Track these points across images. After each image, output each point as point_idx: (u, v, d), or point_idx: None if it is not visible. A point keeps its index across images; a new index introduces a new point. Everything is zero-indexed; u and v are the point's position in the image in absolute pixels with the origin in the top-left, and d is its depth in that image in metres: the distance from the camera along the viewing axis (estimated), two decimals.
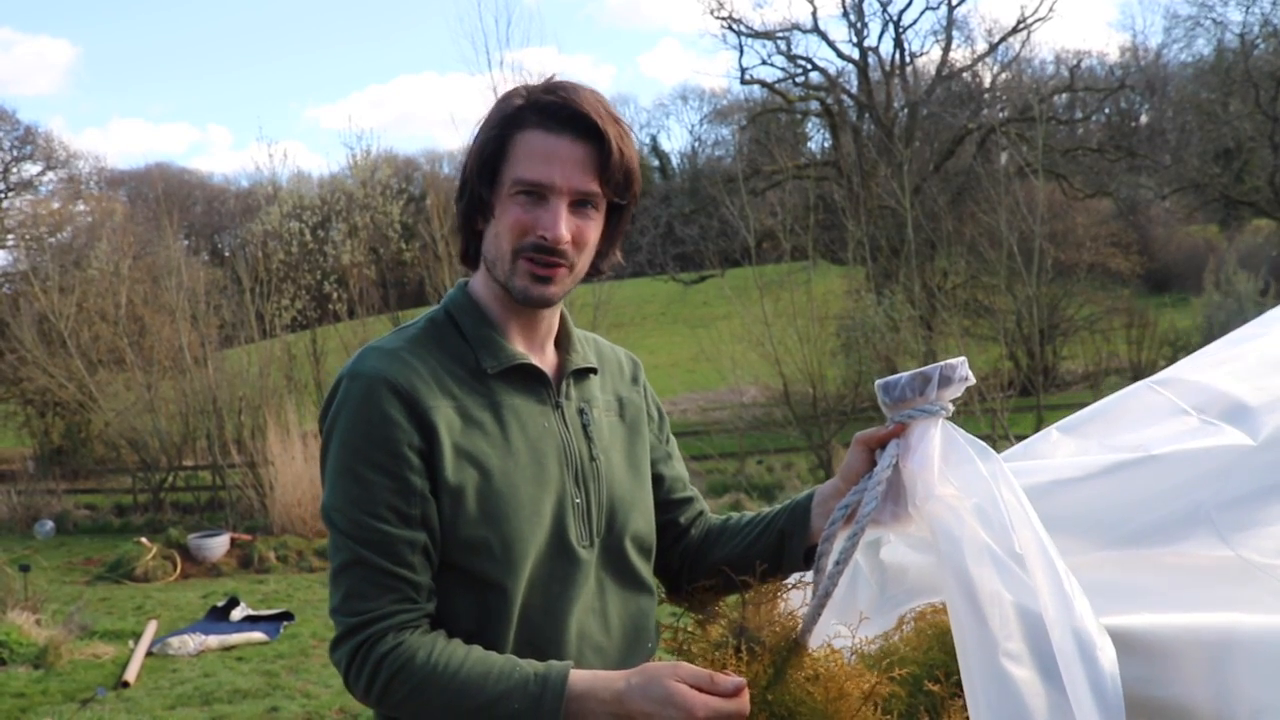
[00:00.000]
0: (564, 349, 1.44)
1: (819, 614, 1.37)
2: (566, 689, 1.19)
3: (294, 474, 9.88)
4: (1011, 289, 13.88)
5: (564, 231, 1.28)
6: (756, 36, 21.00)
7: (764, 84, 21.73)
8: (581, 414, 1.41)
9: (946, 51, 21.24)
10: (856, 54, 21.06)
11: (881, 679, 1.39)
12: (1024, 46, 21.95)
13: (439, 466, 1.25)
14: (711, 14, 21.07)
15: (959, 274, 16.66)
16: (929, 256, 17.14)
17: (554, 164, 1.27)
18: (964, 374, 1.26)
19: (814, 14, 22.33)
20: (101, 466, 14.38)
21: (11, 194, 23.97)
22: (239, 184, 33.33)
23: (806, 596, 1.45)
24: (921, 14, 23.05)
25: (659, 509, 1.52)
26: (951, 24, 21.21)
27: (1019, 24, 20.35)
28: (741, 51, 21.35)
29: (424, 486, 1.25)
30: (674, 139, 54.48)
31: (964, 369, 1.26)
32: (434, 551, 1.26)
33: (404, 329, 1.37)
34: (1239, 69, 19.69)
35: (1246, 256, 17.75)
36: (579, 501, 1.35)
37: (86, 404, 13.64)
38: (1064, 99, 21.46)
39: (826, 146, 22.91)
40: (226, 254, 26.49)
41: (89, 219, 21.08)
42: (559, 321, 1.45)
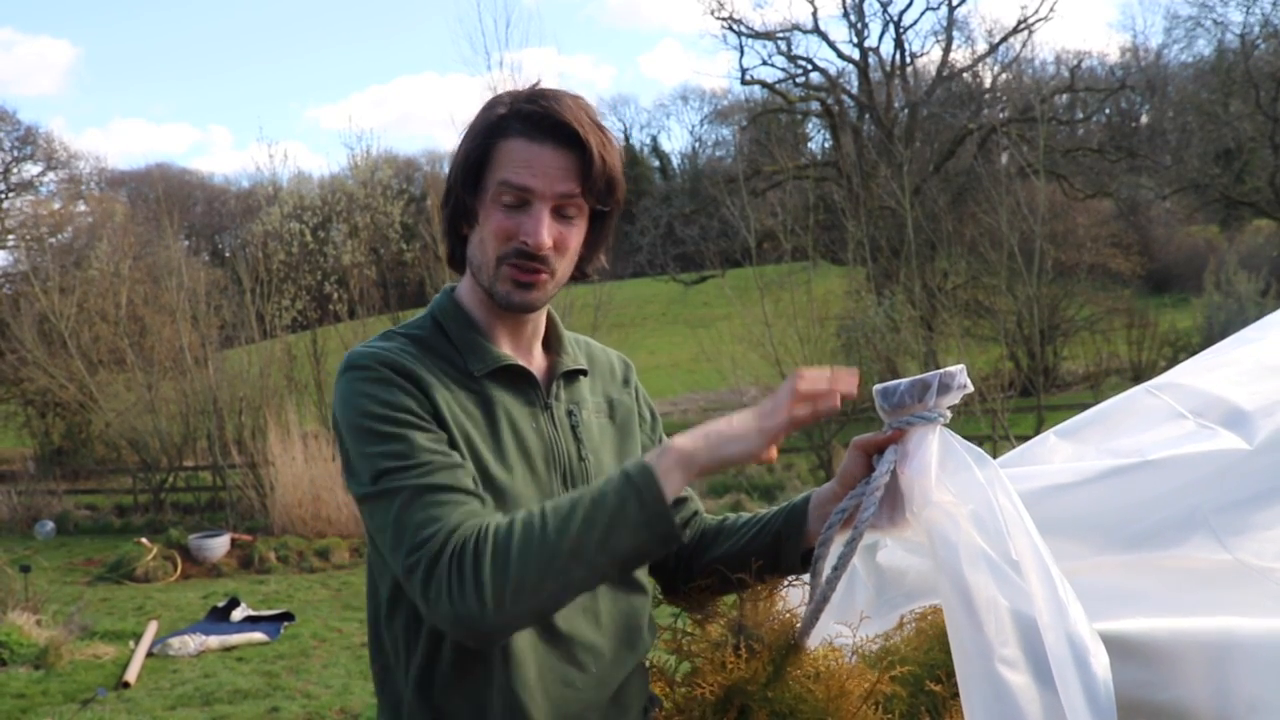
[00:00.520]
0: (553, 351, 1.46)
1: (817, 617, 1.37)
2: (661, 447, 1.21)
3: (294, 474, 9.89)
4: (1012, 289, 13.88)
5: (546, 238, 1.29)
6: (757, 37, 21.03)
7: (764, 84, 21.75)
8: (570, 415, 1.41)
9: (947, 52, 21.27)
10: (857, 54, 21.09)
11: (882, 678, 1.39)
12: (1024, 47, 22.00)
13: (448, 435, 1.26)
14: (712, 14, 21.12)
15: (959, 274, 16.66)
16: (929, 257, 17.14)
17: (536, 171, 1.29)
18: (963, 382, 1.27)
19: (814, 14, 22.40)
20: (102, 467, 14.39)
21: (12, 194, 23.99)
22: (239, 184, 33.44)
23: (804, 595, 1.45)
24: (922, 14, 23.12)
25: None
26: (952, 24, 21.24)
27: (1019, 24, 20.38)
28: (742, 52, 21.40)
29: (446, 440, 1.25)
30: (674, 139, 54.65)
31: (963, 377, 1.27)
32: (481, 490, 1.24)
33: (390, 332, 1.38)
34: (1239, 69, 19.69)
35: (1247, 257, 17.75)
36: None
37: (87, 404, 13.65)
38: (1064, 99, 21.47)
39: (827, 147, 22.95)
40: (227, 254, 26.51)
41: (89, 219, 21.10)
42: (548, 324, 1.46)
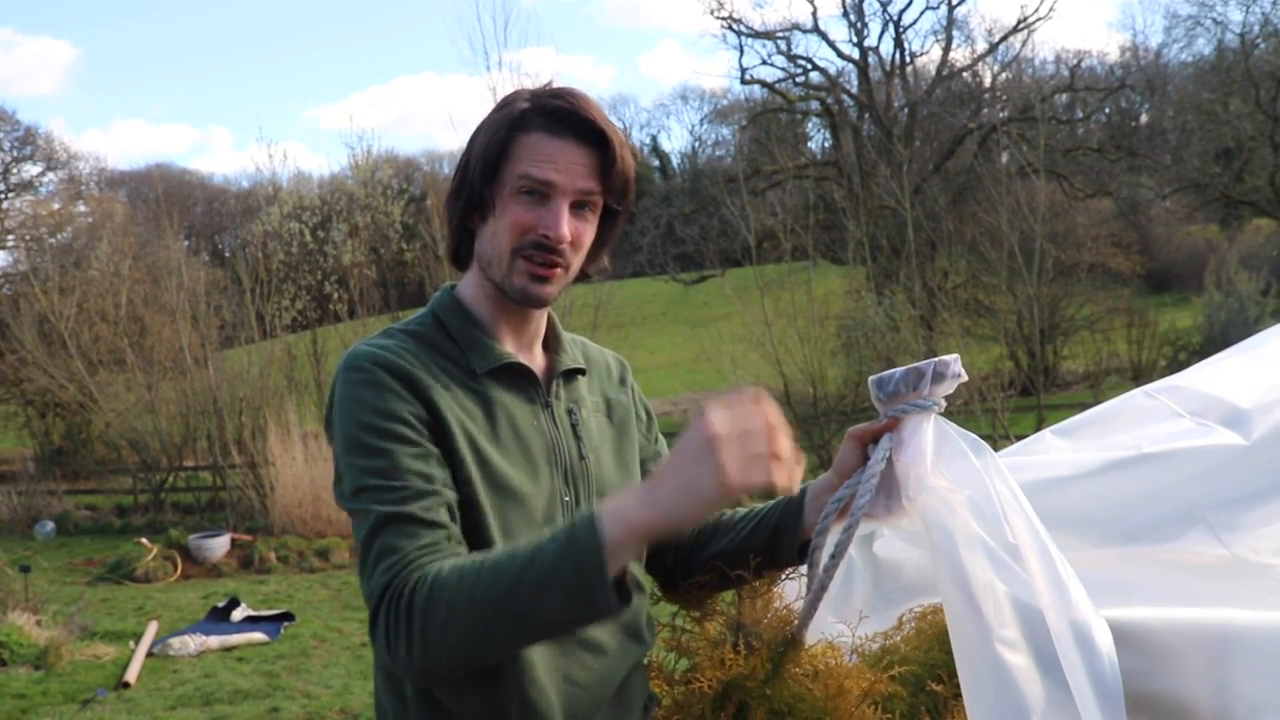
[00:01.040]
0: (552, 350, 1.45)
1: (814, 608, 1.37)
2: (595, 508, 1.11)
3: (294, 474, 9.89)
4: (1012, 289, 13.89)
5: (565, 231, 1.29)
6: (756, 36, 21.02)
7: (764, 84, 21.74)
8: (570, 414, 1.41)
9: (947, 51, 21.27)
10: (857, 54, 21.09)
11: (880, 677, 1.39)
12: (1024, 46, 22.01)
13: (449, 440, 1.25)
14: (712, 14, 21.11)
15: (959, 274, 16.66)
16: (929, 256, 17.14)
17: (559, 166, 1.29)
18: (957, 370, 1.27)
19: (814, 14, 22.37)
20: (102, 467, 14.38)
21: (12, 194, 23.99)
22: (239, 184, 33.45)
23: (801, 589, 1.45)
24: (921, 14, 23.12)
25: None
26: (951, 24, 21.24)
27: (1019, 23, 20.38)
28: (741, 51, 21.41)
29: (438, 454, 1.24)
30: (674, 139, 54.64)
31: (957, 365, 1.28)
32: (457, 514, 1.23)
33: (391, 329, 1.37)
34: (1239, 69, 19.68)
35: (1247, 256, 17.76)
36: (568, 500, 1.36)
37: (87, 404, 13.65)
38: (1064, 99, 21.46)
39: (827, 146, 22.95)
40: (227, 254, 26.52)
41: (89, 219, 21.09)
42: (547, 323, 1.46)
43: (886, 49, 21.59)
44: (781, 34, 21.00)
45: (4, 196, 23.83)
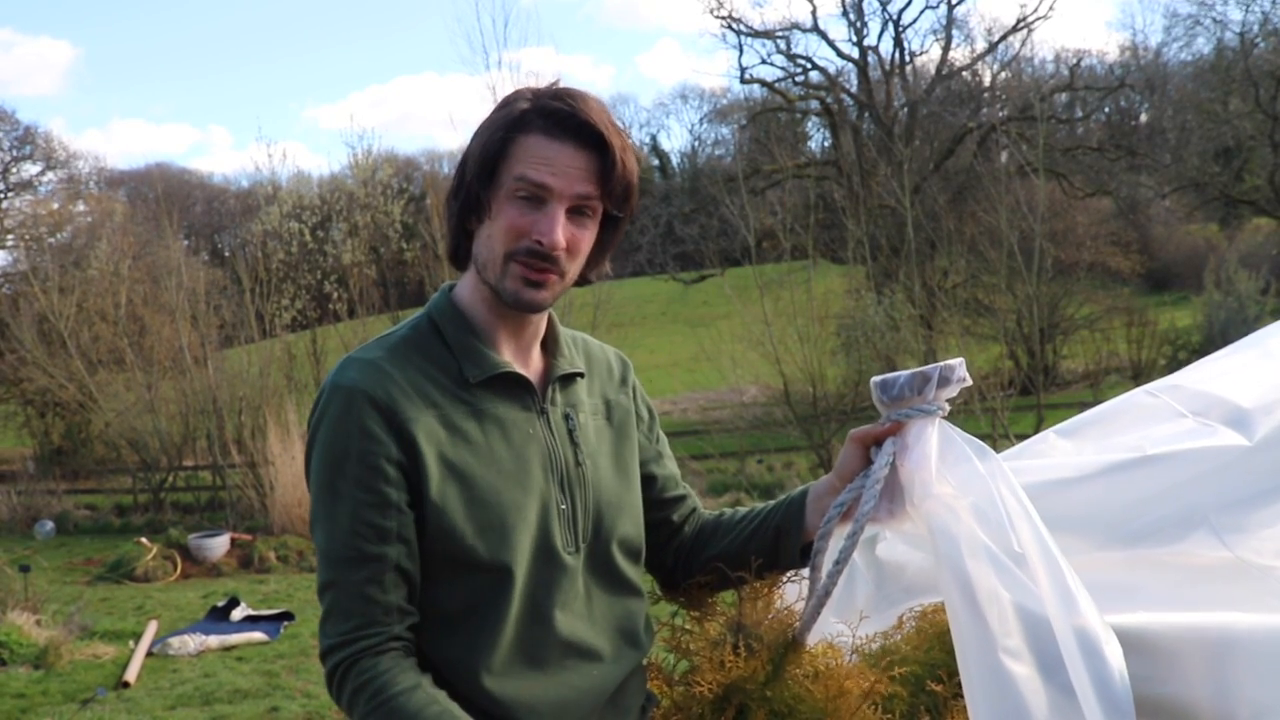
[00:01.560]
0: (550, 353, 1.43)
1: (818, 613, 1.37)
2: None
3: (294, 474, 9.89)
4: (1012, 288, 13.89)
5: (560, 238, 1.27)
6: (756, 36, 21.00)
7: (764, 83, 21.72)
8: (567, 419, 1.40)
9: (946, 50, 21.25)
10: (856, 53, 21.08)
11: (881, 678, 1.39)
12: (1024, 45, 21.97)
13: (422, 479, 1.25)
14: (711, 13, 21.08)
15: (959, 273, 16.65)
16: (929, 256, 17.14)
17: (556, 169, 1.26)
18: (962, 375, 1.27)
19: (813, 13, 22.32)
20: (102, 467, 14.38)
21: (11, 194, 23.97)
22: (239, 184, 33.40)
23: (802, 591, 1.45)
24: (921, 13, 23.01)
25: (652, 508, 1.52)
26: (951, 23, 21.23)
27: (1019, 23, 20.36)
28: (741, 51, 21.37)
29: (400, 499, 1.25)
30: (674, 138, 54.66)
31: (962, 370, 1.27)
32: (412, 566, 1.27)
33: (386, 336, 1.36)
34: (1239, 68, 19.68)
35: (1247, 255, 17.76)
36: (564, 508, 1.35)
37: (86, 404, 13.65)
38: (1064, 98, 21.45)
39: (826, 146, 22.94)
40: (226, 254, 26.53)
41: (89, 219, 21.08)
42: (546, 325, 1.43)
43: (886, 48, 21.56)
44: (781, 33, 20.99)
45: (3, 196, 23.82)
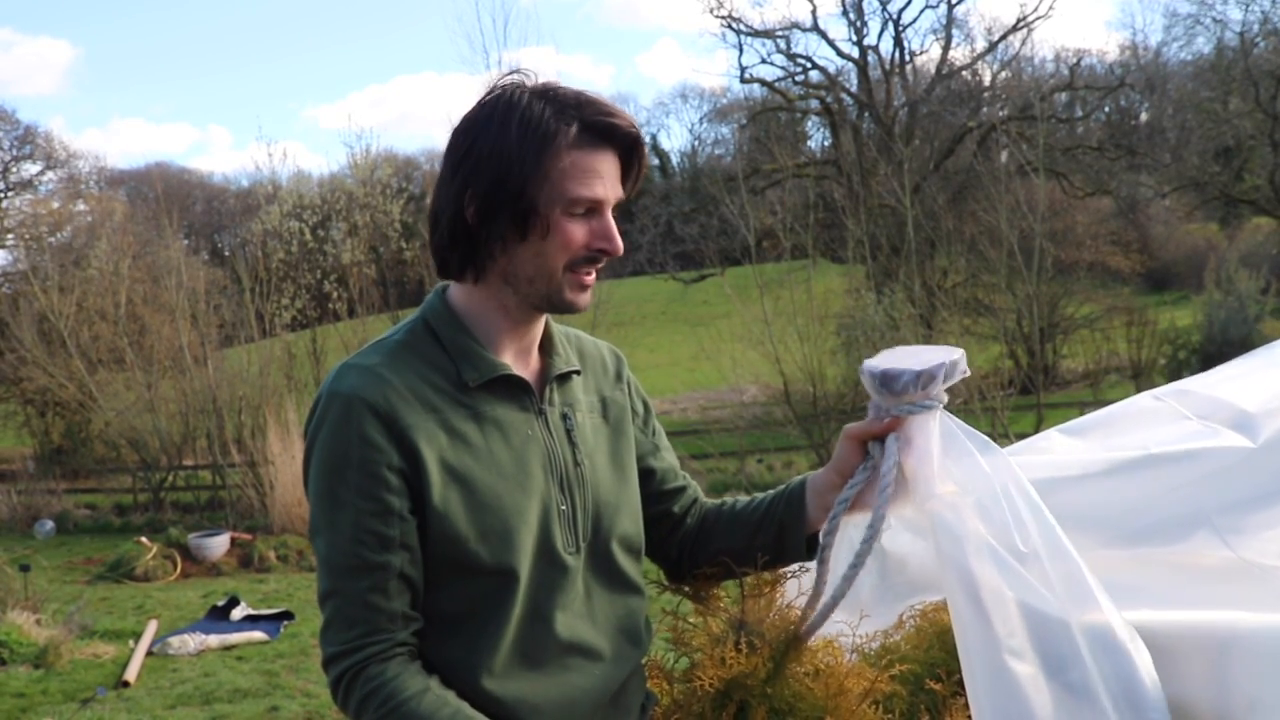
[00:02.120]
0: (546, 353, 1.43)
1: (828, 616, 1.37)
2: None
3: (294, 473, 9.88)
4: (1012, 287, 13.88)
5: (620, 243, 1.33)
6: (756, 35, 20.98)
7: (764, 82, 21.71)
8: (565, 419, 1.40)
9: (946, 50, 21.25)
10: (856, 52, 21.07)
11: (881, 677, 1.39)
12: (1024, 45, 21.96)
13: (424, 485, 1.25)
14: (711, 13, 21.05)
15: (959, 272, 16.65)
16: (929, 255, 17.12)
17: (606, 179, 1.30)
18: (963, 368, 1.27)
19: (813, 12, 22.32)
20: (101, 466, 14.36)
21: (11, 194, 23.96)
22: (239, 183, 33.38)
23: (802, 586, 1.45)
24: (921, 12, 22.96)
25: (652, 501, 1.53)
26: (951, 22, 21.22)
27: (1018, 22, 20.35)
28: (741, 50, 21.34)
29: (403, 507, 1.25)
30: (674, 138, 54.78)
31: (963, 362, 1.27)
32: (415, 573, 1.27)
33: (382, 341, 1.36)
34: (1239, 67, 19.67)
35: (1247, 255, 17.76)
36: (564, 509, 1.35)
37: (86, 404, 13.64)
38: (1064, 97, 21.43)
39: (826, 145, 22.91)
40: (226, 253, 26.52)
41: (89, 219, 21.06)
42: (544, 325, 1.44)
43: (886, 48, 21.54)
44: (781, 33, 20.98)
45: (3, 195, 23.81)
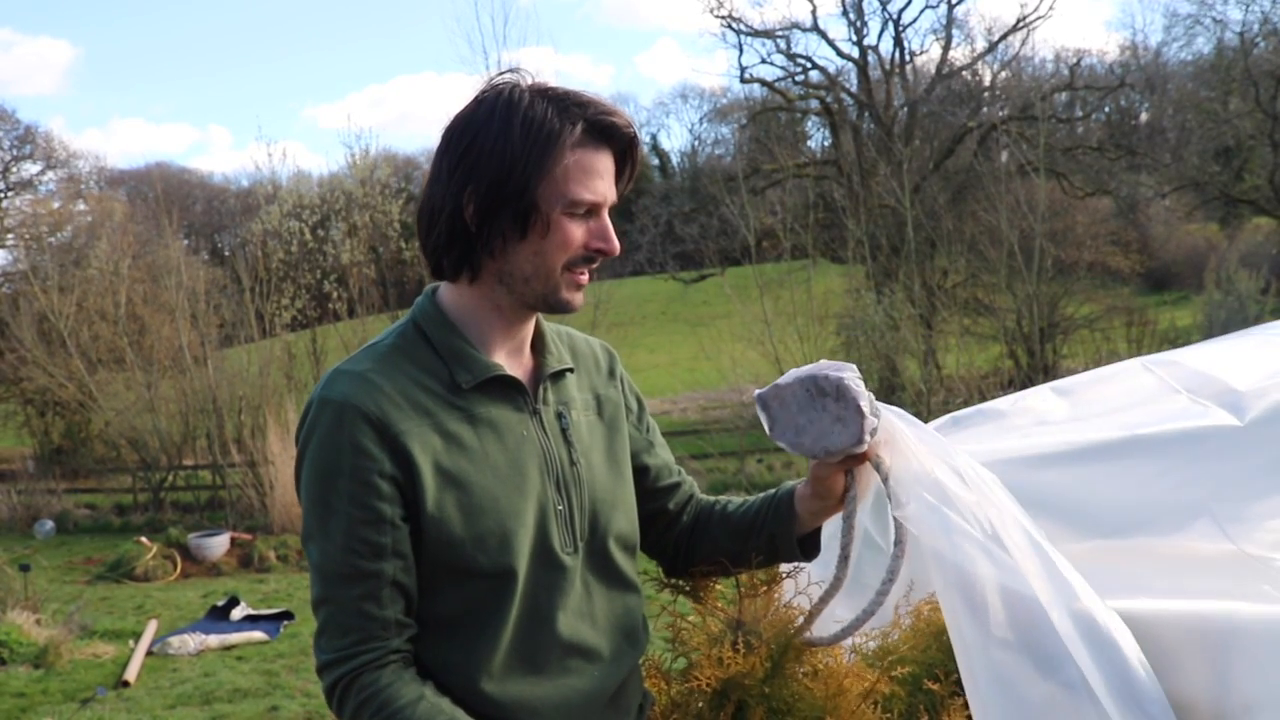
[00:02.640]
0: (539, 352, 1.43)
1: (851, 632, 1.39)
2: None
3: (294, 473, 9.89)
4: (1011, 287, 13.87)
5: (617, 242, 1.33)
6: (756, 35, 20.96)
7: (764, 82, 21.68)
8: (560, 418, 1.40)
9: (946, 50, 21.22)
10: (856, 52, 21.04)
11: (880, 677, 1.39)
12: (1024, 45, 21.94)
13: (418, 491, 1.25)
14: (711, 13, 21.01)
15: (959, 272, 16.63)
16: (929, 255, 17.10)
17: (604, 179, 1.31)
18: (852, 375, 1.33)
19: (813, 12, 22.29)
20: (101, 466, 14.37)
21: (11, 193, 23.97)
22: (239, 183, 33.35)
23: (799, 585, 1.46)
24: (921, 12, 22.90)
25: (647, 498, 1.52)
26: (951, 22, 21.19)
27: (1019, 22, 20.32)
28: (741, 50, 21.30)
29: (395, 514, 1.25)
30: (674, 138, 54.74)
31: (850, 371, 1.33)
32: (408, 580, 1.27)
33: (374, 346, 1.35)
34: (1239, 67, 19.65)
35: (1247, 255, 17.75)
36: (561, 508, 1.35)
37: (86, 403, 13.65)
38: (1064, 97, 21.40)
39: (826, 145, 22.89)
40: (226, 253, 26.51)
41: (89, 218, 21.09)
42: (536, 324, 1.44)
43: (886, 48, 21.49)
44: (781, 33, 20.95)
45: (4, 195, 23.82)
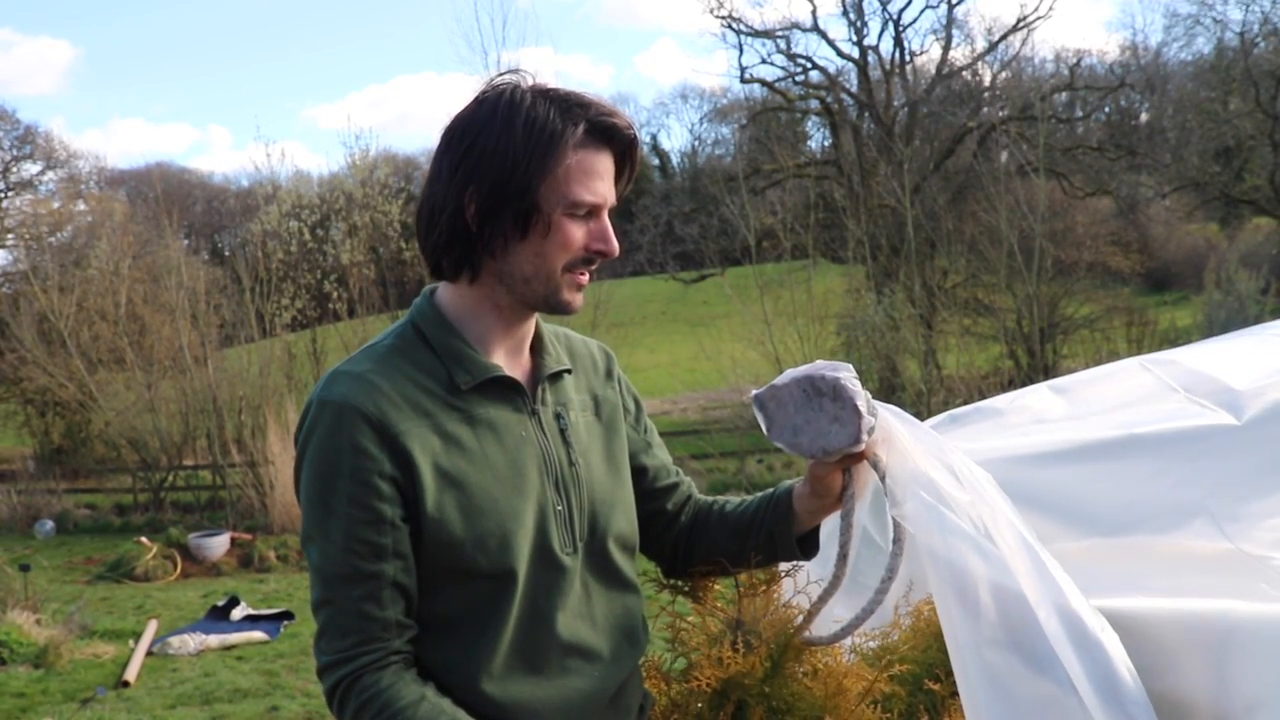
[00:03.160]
0: (537, 352, 1.43)
1: (856, 628, 1.39)
2: None
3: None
4: (1012, 288, 13.87)
5: (616, 244, 1.33)
6: (756, 35, 20.96)
7: (764, 83, 21.68)
8: (559, 419, 1.40)
9: (946, 50, 21.22)
10: (856, 53, 21.04)
11: (880, 677, 1.39)
12: (1024, 45, 21.94)
13: (418, 492, 1.25)
14: (711, 13, 21.00)
15: (959, 273, 16.64)
16: (929, 255, 17.11)
17: (604, 180, 1.31)
18: (847, 375, 1.32)
19: (814, 13, 22.29)
20: (102, 466, 14.37)
21: (11, 194, 23.97)
22: (239, 183, 33.38)
23: (798, 584, 1.46)
24: (921, 13, 22.88)
25: (646, 499, 1.52)
26: (951, 22, 21.19)
27: (1019, 22, 20.31)
28: (741, 50, 21.29)
29: (395, 515, 1.24)
30: (674, 138, 54.74)
31: (845, 372, 1.33)
32: (409, 581, 1.27)
33: (372, 347, 1.35)
34: (1239, 67, 19.65)
35: (1247, 255, 17.75)
36: (560, 509, 1.35)
37: (86, 403, 13.65)
38: (1064, 97, 21.40)
39: (826, 145, 22.89)
40: (226, 253, 26.51)
41: (89, 218, 21.08)
42: (533, 324, 1.44)
43: (886, 48, 21.49)
44: (781, 33, 20.95)
45: (4, 195, 23.81)
